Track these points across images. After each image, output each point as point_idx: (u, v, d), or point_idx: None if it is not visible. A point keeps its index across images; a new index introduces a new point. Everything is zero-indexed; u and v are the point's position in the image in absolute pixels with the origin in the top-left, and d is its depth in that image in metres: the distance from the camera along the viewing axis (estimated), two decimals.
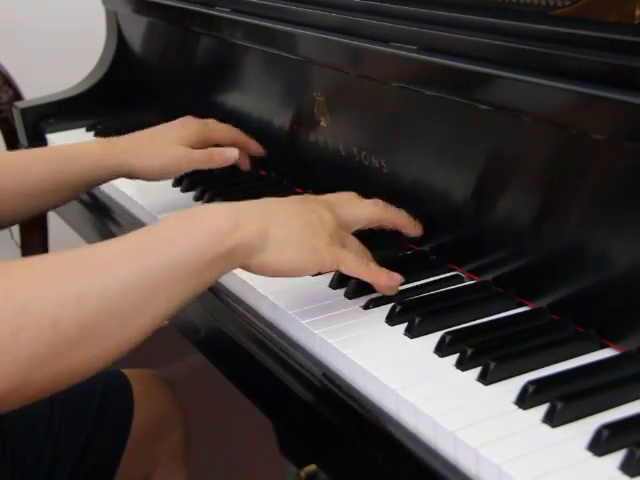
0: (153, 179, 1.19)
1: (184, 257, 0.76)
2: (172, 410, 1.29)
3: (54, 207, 1.20)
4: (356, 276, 0.90)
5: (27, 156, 1.21)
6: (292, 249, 0.84)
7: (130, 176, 1.18)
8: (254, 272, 0.85)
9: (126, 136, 1.21)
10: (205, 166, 1.19)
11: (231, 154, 1.19)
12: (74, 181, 1.14)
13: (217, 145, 1.23)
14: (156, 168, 1.16)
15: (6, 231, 1.87)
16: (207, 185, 1.28)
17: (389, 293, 0.92)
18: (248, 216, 0.82)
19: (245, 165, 1.27)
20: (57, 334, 0.69)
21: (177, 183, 1.33)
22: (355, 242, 0.92)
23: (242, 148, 1.25)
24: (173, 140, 1.18)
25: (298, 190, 1.26)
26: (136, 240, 0.77)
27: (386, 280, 0.90)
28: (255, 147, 1.28)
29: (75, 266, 0.73)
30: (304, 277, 0.92)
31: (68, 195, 1.17)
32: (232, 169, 1.30)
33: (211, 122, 1.25)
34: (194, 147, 1.19)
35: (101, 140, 1.22)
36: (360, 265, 0.88)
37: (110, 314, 0.71)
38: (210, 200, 1.23)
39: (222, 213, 0.81)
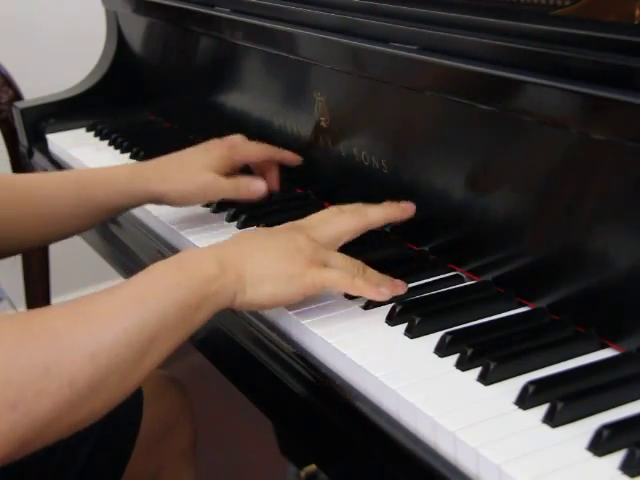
0: (179, 205, 1.16)
1: (177, 304, 0.79)
2: (181, 411, 1.29)
3: (79, 232, 1.18)
4: (344, 291, 0.91)
5: (53, 179, 1.18)
6: (270, 283, 0.86)
7: (156, 202, 1.15)
8: (241, 310, 0.88)
9: (153, 161, 1.18)
10: (231, 196, 1.15)
11: (257, 187, 1.14)
12: (99, 207, 1.13)
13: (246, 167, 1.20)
14: (182, 195, 1.13)
15: None
16: None
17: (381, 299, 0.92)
18: (229, 260, 0.85)
19: (274, 186, 1.21)
20: (72, 393, 0.72)
21: None
22: (340, 258, 0.91)
23: (278, 162, 1.21)
24: (201, 167, 1.14)
25: (298, 190, 1.26)
26: (134, 290, 0.80)
27: (374, 294, 0.90)
28: (290, 157, 1.22)
29: (88, 322, 0.75)
30: None
31: (93, 220, 1.15)
32: None
33: (239, 142, 1.20)
34: (222, 171, 1.15)
35: (128, 165, 1.21)
36: (344, 282, 0.89)
37: (118, 367, 0.75)
38: (220, 205, 1.23)
39: (208, 258, 0.85)
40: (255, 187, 1.14)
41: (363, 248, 1.06)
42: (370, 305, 0.92)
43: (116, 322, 0.75)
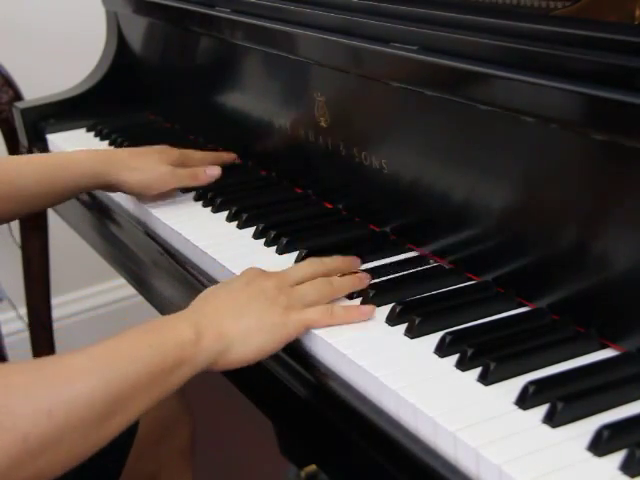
0: (135, 192, 1.25)
1: (148, 367, 0.79)
2: (179, 411, 1.29)
3: (43, 209, 1.32)
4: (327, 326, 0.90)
5: (21, 162, 1.28)
6: (257, 337, 0.86)
7: (114, 187, 1.24)
8: (225, 370, 0.86)
9: (118, 150, 1.29)
10: (189, 183, 1.26)
11: (214, 172, 1.27)
12: (64, 186, 1.22)
13: None
14: (141, 181, 1.23)
15: (6, 231, 1.87)
16: (208, 186, 1.28)
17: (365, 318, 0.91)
18: (207, 323, 0.84)
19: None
20: (25, 448, 0.71)
21: None
22: (310, 290, 0.91)
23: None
24: (158, 160, 1.25)
25: (298, 190, 1.26)
26: (103, 352, 0.79)
27: (357, 317, 0.90)
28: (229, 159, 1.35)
29: (48, 379, 0.75)
30: None
31: (59, 198, 1.25)
32: (230, 169, 1.31)
33: (189, 152, 1.31)
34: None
35: (91, 149, 1.30)
36: (325, 319, 0.89)
37: (76, 426, 0.74)
38: (212, 200, 1.23)
39: (183, 323, 0.84)
40: (211, 172, 1.27)
41: (363, 249, 1.06)
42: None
43: (77, 381, 0.75)
